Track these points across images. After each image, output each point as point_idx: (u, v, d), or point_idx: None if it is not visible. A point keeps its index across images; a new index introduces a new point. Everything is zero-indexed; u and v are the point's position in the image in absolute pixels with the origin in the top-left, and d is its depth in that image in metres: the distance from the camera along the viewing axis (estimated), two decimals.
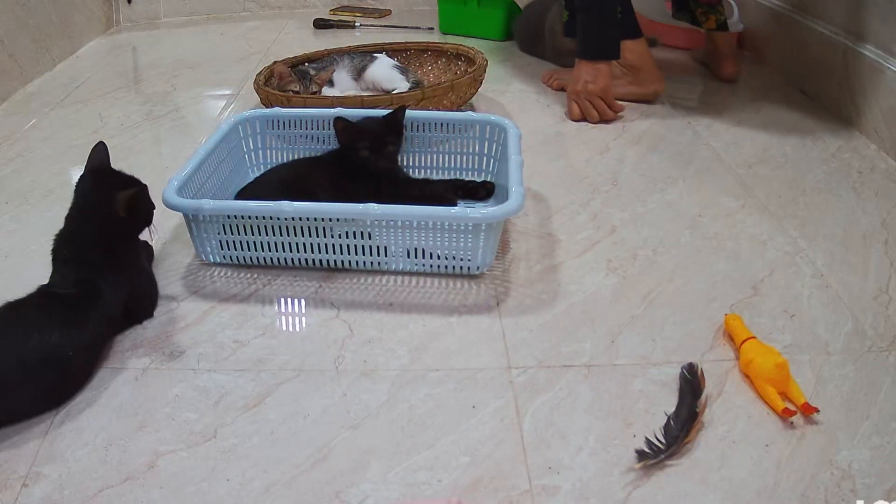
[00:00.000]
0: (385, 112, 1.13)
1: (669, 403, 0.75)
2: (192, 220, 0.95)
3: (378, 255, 0.95)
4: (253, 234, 0.95)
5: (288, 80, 1.46)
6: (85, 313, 0.78)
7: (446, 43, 1.71)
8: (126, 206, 0.82)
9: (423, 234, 0.94)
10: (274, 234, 0.94)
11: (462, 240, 0.93)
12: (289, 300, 0.94)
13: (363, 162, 1.08)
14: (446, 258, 0.95)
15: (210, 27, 2.28)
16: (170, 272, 0.98)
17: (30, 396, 0.74)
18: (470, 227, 0.91)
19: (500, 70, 1.74)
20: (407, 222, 0.93)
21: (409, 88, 1.45)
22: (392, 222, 0.93)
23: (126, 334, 0.86)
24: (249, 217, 0.93)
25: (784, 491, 0.66)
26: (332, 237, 0.94)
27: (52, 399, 0.76)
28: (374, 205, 0.90)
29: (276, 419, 0.75)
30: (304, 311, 0.93)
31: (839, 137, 1.39)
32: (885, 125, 1.34)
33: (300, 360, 0.83)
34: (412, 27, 2.17)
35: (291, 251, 0.96)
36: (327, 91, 1.48)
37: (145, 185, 0.86)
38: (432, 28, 2.16)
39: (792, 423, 0.72)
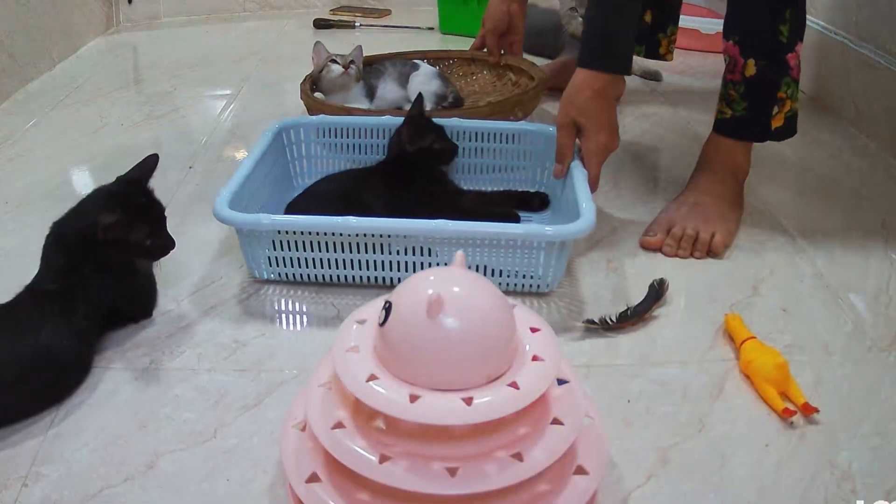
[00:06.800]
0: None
1: (669, 403, 0.75)
2: (248, 234, 0.91)
3: None
4: (309, 251, 0.91)
5: (328, 56, 1.36)
6: (71, 304, 0.78)
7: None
8: (103, 231, 0.77)
9: (486, 252, 0.89)
10: (335, 251, 0.91)
11: (528, 256, 0.90)
12: (289, 300, 0.94)
13: (435, 154, 1.08)
14: (511, 275, 0.91)
15: (210, 27, 2.28)
16: (170, 273, 0.98)
17: (28, 394, 0.74)
18: (543, 245, 0.88)
19: None
20: (479, 240, 0.88)
21: (450, 103, 1.37)
22: (460, 239, 0.88)
23: (126, 334, 0.86)
24: (307, 233, 0.89)
25: (784, 491, 0.66)
26: (391, 253, 0.90)
27: (50, 395, 0.76)
28: (447, 221, 0.86)
29: (276, 419, 0.74)
30: (304, 311, 0.93)
31: (839, 137, 1.39)
32: (885, 125, 1.34)
33: (300, 360, 0.83)
34: (412, 27, 2.17)
35: (347, 268, 0.92)
36: (366, 104, 1.37)
37: (146, 219, 0.82)
38: (432, 28, 2.16)
39: (792, 423, 0.72)
